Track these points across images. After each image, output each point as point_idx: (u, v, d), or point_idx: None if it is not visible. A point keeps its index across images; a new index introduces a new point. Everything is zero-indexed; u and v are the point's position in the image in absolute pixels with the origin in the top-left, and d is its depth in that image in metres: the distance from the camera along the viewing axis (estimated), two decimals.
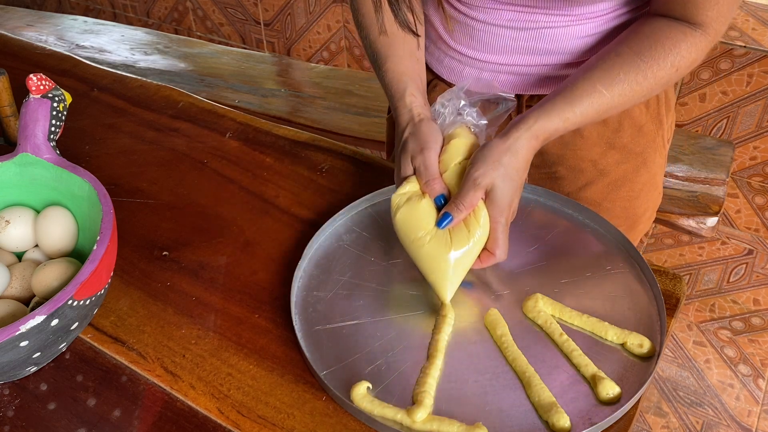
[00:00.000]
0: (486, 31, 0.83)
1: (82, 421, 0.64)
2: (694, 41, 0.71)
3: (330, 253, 0.77)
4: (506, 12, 0.80)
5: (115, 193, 0.87)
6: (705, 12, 0.70)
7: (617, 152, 0.88)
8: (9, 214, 0.74)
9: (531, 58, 0.83)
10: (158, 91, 1.07)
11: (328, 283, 0.73)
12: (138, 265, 0.78)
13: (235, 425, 0.62)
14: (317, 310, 0.70)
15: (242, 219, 0.84)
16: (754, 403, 1.59)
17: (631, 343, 0.65)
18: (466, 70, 0.88)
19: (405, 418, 0.60)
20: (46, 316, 0.58)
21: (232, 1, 2.46)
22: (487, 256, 0.69)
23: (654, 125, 0.89)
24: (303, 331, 0.68)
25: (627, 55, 0.72)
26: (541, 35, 0.81)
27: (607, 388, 0.61)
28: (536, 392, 0.61)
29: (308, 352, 0.66)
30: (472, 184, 0.67)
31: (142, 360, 0.68)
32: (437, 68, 0.91)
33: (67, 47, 2.10)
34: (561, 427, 0.58)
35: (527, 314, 0.69)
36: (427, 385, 0.62)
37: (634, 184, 0.90)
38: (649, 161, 0.91)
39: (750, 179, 1.88)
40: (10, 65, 1.13)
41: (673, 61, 0.71)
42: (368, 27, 0.82)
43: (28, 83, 0.73)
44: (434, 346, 0.65)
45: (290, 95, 1.88)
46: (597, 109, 0.72)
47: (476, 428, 0.58)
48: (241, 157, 0.93)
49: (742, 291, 1.82)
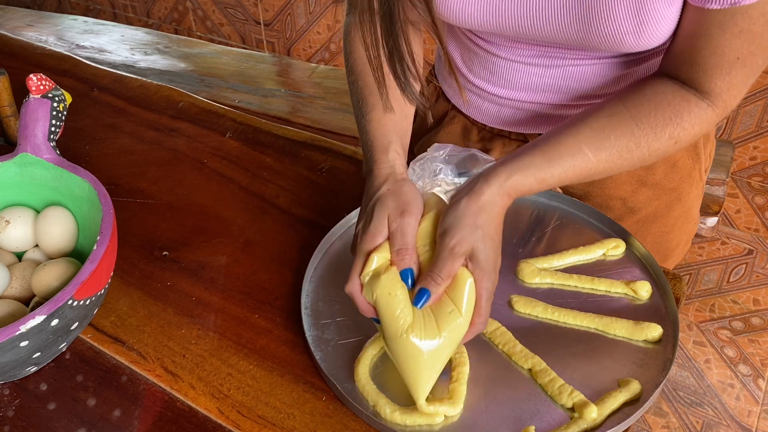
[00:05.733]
0: (507, 67, 0.77)
1: (82, 421, 0.63)
2: (699, 113, 0.63)
3: (340, 256, 0.76)
4: (528, 50, 0.74)
5: (115, 193, 0.87)
6: (714, 80, 0.62)
7: (649, 189, 0.82)
8: (9, 214, 0.74)
9: (554, 96, 0.77)
10: (158, 91, 1.07)
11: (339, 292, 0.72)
12: (138, 265, 0.78)
13: (235, 425, 0.62)
14: (330, 328, 0.69)
15: (242, 219, 0.84)
16: (754, 403, 1.59)
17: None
18: (485, 105, 0.83)
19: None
20: (46, 316, 0.58)
21: (232, 1, 2.46)
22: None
23: (690, 159, 0.83)
24: (312, 336, 0.68)
25: (622, 117, 0.64)
26: (566, 74, 0.75)
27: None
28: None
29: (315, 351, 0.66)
30: (449, 253, 0.59)
31: (142, 360, 0.68)
32: (455, 100, 0.87)
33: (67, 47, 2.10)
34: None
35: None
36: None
37: (666, 220, 0.85)
38: (684, 195, 0.84)
39: (750, 179, 1.88)
40: (10, 65, 1.13)
41: (672, 133, 0.63)
42: (358, 72, 0.75)
43: (28, 83, 0.73)
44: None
45: (290, 95, 1.88)
46: (578, 173, 0.64)
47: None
48: (241, 157, 0.93)
49: (742, 291, 1.82)
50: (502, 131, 0.85)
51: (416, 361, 0.59)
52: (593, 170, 0.64)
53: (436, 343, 0.59)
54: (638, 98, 0.64)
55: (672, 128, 0.63)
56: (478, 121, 0.86)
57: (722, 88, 0.62)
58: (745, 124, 1.80)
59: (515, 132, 0.85)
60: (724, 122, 1.83)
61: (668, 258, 0.89)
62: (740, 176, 1.88)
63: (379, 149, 0.68)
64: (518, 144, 0.85)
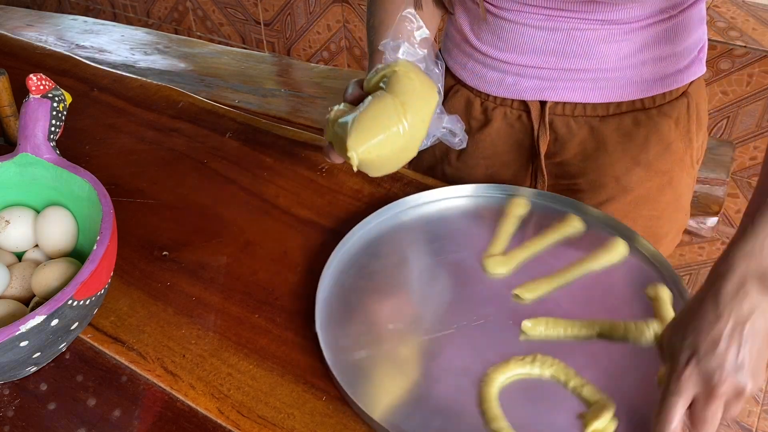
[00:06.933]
0: (514, 30, 0.81)
1: (82, 421, 0.63)
2: None
3: (354, 262, 0.76)
4: (536, 14, 0.79)
5: (115, 193, 0.87)
6: None
7: (642, 169, 0.85)
8: (9, 214, 0.74)
9: (558, 61, 0.81)
10: (158, 91, 1.07)
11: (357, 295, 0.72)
12: (138, 265, 0.78)
13: (235, 425, 0.62)
14: (348, 334, 0.68)
15: (242, 219, 0.84)
16: (754, 403, 1.59)
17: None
18: (489, 73, 0.86)
19: None
20: (46, 316, 0.58)
21: (232, 1, 2.46)
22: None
23: (683, 143, 0.86)
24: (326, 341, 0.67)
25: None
26: (570, 37, 0.79)
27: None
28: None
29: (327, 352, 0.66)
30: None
31: (142, 360, 0.68)
32: (459, 73, 0.90)
33: (67, 47, 2.10)
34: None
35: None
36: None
37: (657, 203, 0.87)
38: (675, 181, 0.87)
39: (750, 179, 1.87)
40: (10, 65, 1.13)
41: None
42: (371, 13, 0.82)
43: (28, 83, 0.73)
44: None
45: (290, 95, 1.88)
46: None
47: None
48: (241, 157, 0.93)
49: None
50: (505, 100, 0.87)
51: (342, 130, 0.67)
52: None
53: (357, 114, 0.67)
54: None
55: None
56: (482, 91, 0.89)
57: None
58: (745, 124, 1.80)
59: (517, 100, 0.86)
60: (724, 122, 1.83)
61: (657, 246, 0.90)
62: (740, 176, 1.88)
63: (376, 45, 0.76)
64: (519, 113, 0.87)
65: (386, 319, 0.69)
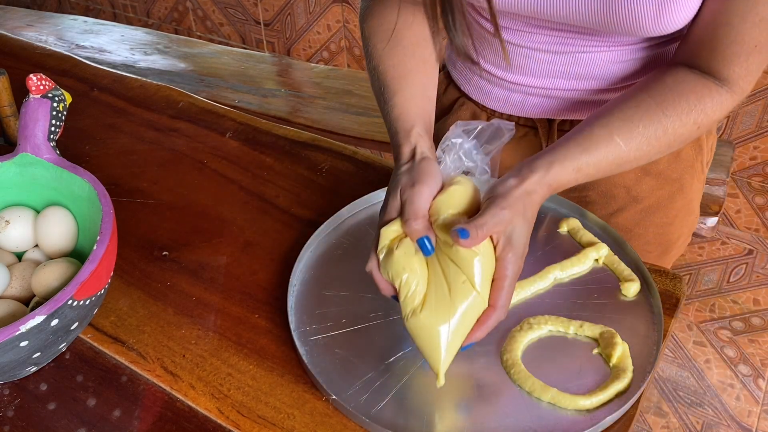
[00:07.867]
0: (518, 53, 0.78)
1: (82, 421, 0.64)
2: (720, 99, 0.66)
3: (327, 256, 0.76)
4: (540, 35, 0.75)
5: (115, 193, 0.87)
6: (732, 67, 0.65)
7: (652, 179, 0.84)
8: (9, 214, 0.74)
9: (565, 83, 0.79)
10: (158, 91, 1.07)
11: (327, 286, 0.73)
12: (138, 265, 0.78)
13: (235, 425, 0.62)
14: (315, 315, 0.69)
15: (242, 219, 0.84)
16: (754, 403, 1.59)
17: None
18: (495, 90, 0.84)
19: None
20: (46, 316, 0.58)
21: (232, 1, 2.46)
22: (485, 313, 0.60)
23: (693, 150, 0.84)
24: (298, 332, 0.68)
25: (648, 106, 0.66)
26: (576, 60, 0.76)
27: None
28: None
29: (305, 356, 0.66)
30: (499, 212, 0.59)
31: (142, 360, 0.68)
32: (465, 87, 0.88)
33: (67, 47, 2.10)
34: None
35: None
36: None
37: (668, 210, 0.86)
38: (686, 187, 0.86)
39: (750, 179, 1.88)
40: (10, 65, 1.13)
41: (696, 119, 0.66)
42: (378, 57, 0.75)
43: (28, 83, 0.73)
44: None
45: (290, 95, 1.88)
46: (611, 163, 0.65)
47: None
48: (241, 157, 0.93)
49: (742, 291, 1.82)
50: (511, 117, 0.86)
51: (430, 337, 0.58)
52: (625, 159, 0.66)
53: (450, 319, 0.58)
54: (661, 87, 0.67)
55: (696, 114, 0.66)
56: (488, 107, 0.87)
57: (740, 75, 0.65)
58: (745, 124, 1.81)
59: (524, 117, 0.85)
60: (725, 122, 1.83)
61: (669, 251, 0.90)
62: (740, 176, 1.88)
63: (402, 134, 0.69)
64: (526, 130, 0.86)
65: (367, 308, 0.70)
